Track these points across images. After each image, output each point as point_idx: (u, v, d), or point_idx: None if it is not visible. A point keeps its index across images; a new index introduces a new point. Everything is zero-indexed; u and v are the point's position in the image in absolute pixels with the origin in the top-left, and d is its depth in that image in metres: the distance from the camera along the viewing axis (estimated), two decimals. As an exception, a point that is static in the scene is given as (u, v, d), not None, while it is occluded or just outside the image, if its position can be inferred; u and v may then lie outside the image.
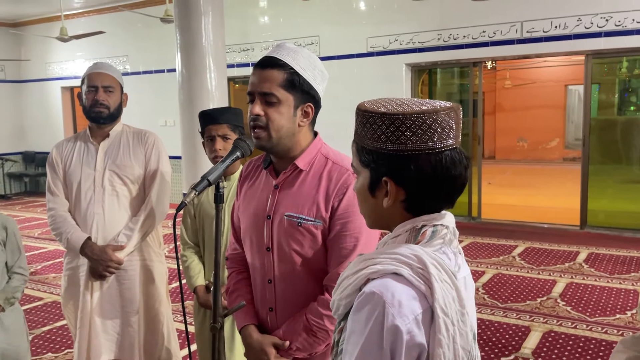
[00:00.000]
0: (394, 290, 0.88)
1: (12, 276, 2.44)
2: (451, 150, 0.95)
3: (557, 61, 12.49)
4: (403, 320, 0.86)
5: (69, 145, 2.55)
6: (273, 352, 1.52)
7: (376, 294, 0.88)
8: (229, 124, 2.20)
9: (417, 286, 0.90)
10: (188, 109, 4.92)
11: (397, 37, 7.47)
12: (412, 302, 0.88)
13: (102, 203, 2.44)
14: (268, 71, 1.45)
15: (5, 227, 2.44)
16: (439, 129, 0.93)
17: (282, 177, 1.55)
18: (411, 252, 0.92)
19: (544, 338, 3.77)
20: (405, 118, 0.93)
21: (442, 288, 0.90)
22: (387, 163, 0.95)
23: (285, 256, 1.52)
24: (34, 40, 10.70)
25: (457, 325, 0.90)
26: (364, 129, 0.97)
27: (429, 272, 0.90)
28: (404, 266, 0.91)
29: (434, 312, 0.89)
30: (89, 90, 2.45)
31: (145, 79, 9.61)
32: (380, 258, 0.93)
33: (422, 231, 0.97)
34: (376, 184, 0.98)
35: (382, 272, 0.91)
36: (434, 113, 0.93)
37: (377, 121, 0.95)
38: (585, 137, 6.78)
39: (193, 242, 2.39)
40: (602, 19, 6.24)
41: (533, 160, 14.48)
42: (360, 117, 0.99)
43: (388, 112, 0.94)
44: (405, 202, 0.97)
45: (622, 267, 5.31)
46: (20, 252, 2.49)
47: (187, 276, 2.36)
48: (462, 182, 0.98)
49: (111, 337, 2.49)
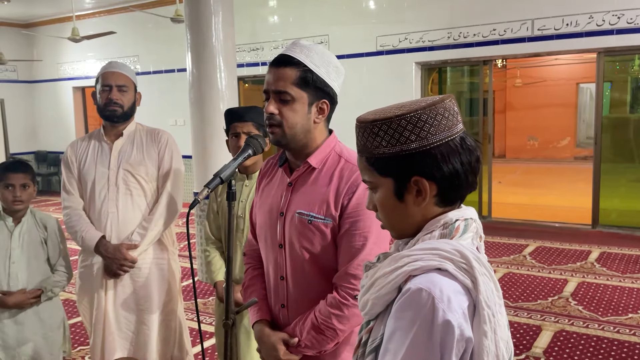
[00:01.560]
0: (442, 286, 0.88)
1: (54, 272, 2.52)
2: (464, 133, 0.98)
3: (568, 59, 12.38)
4: (454, 315, 0.86)
5: (84, 144, 2.58)
6: (283, 348, 1.53)
7: (424, 290, 0.87)
8: (254, 122, 2.25)
9: (462, 280, 0.90)
10: (198, 108, 4.94)
11: (406, 36, 7.45)
12: (459, 297, 0.88)
13: (116, 202, 2.46)
14: (282, 69, 1.47)
15: (45, 226, 2.51)
16: (450, 116, 0.96)
17: (295, 175, 1.56)
18: (452, 247, 0.92)
19: (556, 337, 3.75)
20: (421, 113, 0.94)
21: (484, 281, 0.91)
22: (413, 162, 0.95)
23: (296, 253, 1.53)
24: (46, 40, 10.79)
25: (497, 317, 0.90)
26: (377, 138, 0.97)
27: (472, 267, 0.90)
28: (446, 261, 0.90)
29: (476, 305, 0.89)
30: (103, 89, 2.47)
31: (155, 78, 9.67)
32: (419, 254, 0.92)
33: (456, 225, 0.97)
34: (404, 187, 0.97)
35: (424, 268, 0.91)
36: (441, 102, 0.96)
37: (392, 125, 0.95)
38: (597, 135, 6.72)
39: (216, 238, 2.45)
40: (614, 17, 6.19)
41: (544, 159, 14.38)
42: (370, 127, 0.98)
43: (403, 113, 0.94)
44: (437, 195, 0.97)
45: (634, 266, 5.27)
46: (61, 250, 2.55)
47: (208, 270, 2.40)
48: (480, 162, 1.00)
49: (125, 334, 2.51)
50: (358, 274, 1.46)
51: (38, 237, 2.48)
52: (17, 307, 2.38)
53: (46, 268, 2.50)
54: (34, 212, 2.53)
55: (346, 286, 1.47)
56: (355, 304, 1.47)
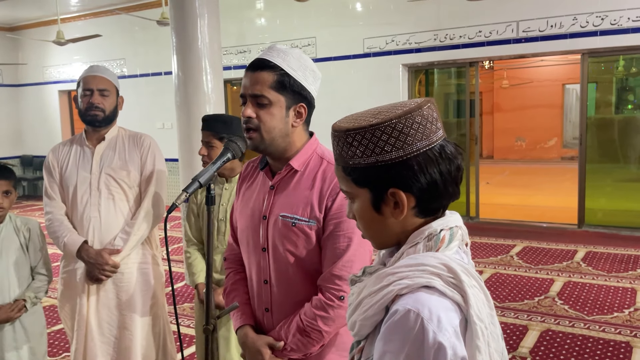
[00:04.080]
0: (430, 305, 0.84)
1: (35, 277, 2.48)
2: (444, 140, 0.93)
3: (554, 60, 12.50)
4: (444, 335, 0.82)
5: (65, 149, 2.55)
6: (268, 352, 1.52)
7: (412, 311, 0.83)
8: (213, 131, 2.27)
9: (451, 296, 0.86)
10: (184, 111, 4.91)
11: (393, 38, 7.48)
12: (450, 314, 0.85)
13: (99, 206, 2.44)
14: (258, 73, 1.46)
15: (28, 229, 2.48)
16: (428, 123, 0.91)
17: (277, 178, 1.55)
18: (438, 262, 0.88)
19: (542, 337, 3.77)
20: (396, 122, 0.89)
21: (474, 294, 0.88)
22: (390, 173, 0.91)
23: (280, 257, 1.52)
24: (31, 44, 10.70)
25: (490, 329, 0.88)
26: (352, 148, 0.92)
27: (460, 281, 0.87)
28: (434, 277, 0.87)
29: (468, 320, 0.86)
30: (85, 93, 2.45)
31: (142, 81, 9.61)
32: (405, 271, 0.88)
33: (441, 236, 0.93)
34: (381, 199, 0.93)
35: (411, 286, 0.87)
36: (418, 109, 0.91)
37: (366, 135, 0.90)
38: (582, 136, 6.79)
39: (197, 239, 2.45)
40: (597, 18, 6.26)
41: (531, 159, 14.50)
42: (344, 137, 0.93)
43: (377, 122, 0.90)
44: (416, 207, 0.93)
45: (619, 265, 5.32)
46: (43, 253, 2.52)
47: (189, 273, 2.39)
48: (461, 170, 0.96)
49: (108, 340, 2.49)
50: (343, 275, 1.46)
51: (17, 243, 2.45)
52: (4, 323, 2.35)
53: (28, 274, 2.47)
54: (13, 217, 2.49)
55: (331, 287, 1.47)
56: (341, 305, 1.47)
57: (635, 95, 7.94)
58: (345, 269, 1.47)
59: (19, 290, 2.41)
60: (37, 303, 2.47)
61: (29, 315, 2.43)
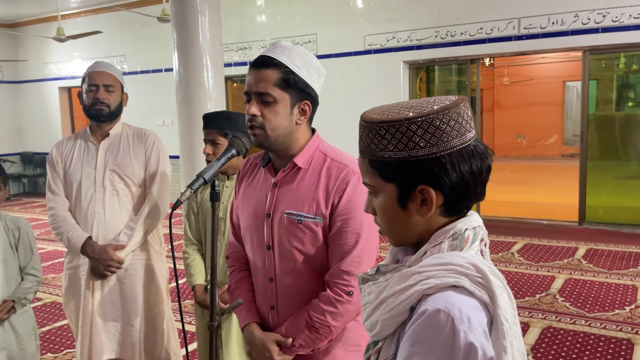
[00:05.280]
0: (460, 305, 0.82)
1: (24, 277, 2.46)
2: (476, 141, 0.92)
3: (555, 58, 12.49)
4: (475, 335, 0.81)
5: (69, 144, 2.55)
6: (276, 349, 1.52)
7: (442, 311, 0.81)
8: (218, 129, 2.22)
9: (479, 296, 0.85)
10: (185, 108, 4.91)
11: (394, 35, 7.46)
12: (478, 314, 0.84)
13: (103, 202, 2.44)
14: (263, 71, 1.45)
15: (18, 228, 2.45)
16: (463, 122, 0.89)
17: (280, 175, 1.55)
18: (466, 261, 0.87)
19: (543, 334, 3.78)
20: (434, 117, 0.87)
21: (500, 294, 0.86)
22: (420, 170, 0.88)
23: (286, 254, 1.52)
24: (31, 40, 10.68)
25: (513, 329, 0.86)
26: (383, 141, 0.89)
27: (488, 280, 0.86)
28: (462, 277, 0.85)
29: (494, 320, 0.85)
30: (90, 88, 2.45)
31: (142, 78, 9.60)
32: (432, 270, 0.86)
33: (466, 235, 0.91)
34: (408, 195, 0.90)
35: (439, 286, 0.85)
36: (455, 106, 0.88)
37: (400, 128, 0.87)
38: (583, 133, 6.78)
39: (196, 239, 2.42)
40: (599, 15, 6.24)
41: (532, 157, 14.49)
42: (376, 129, 0.89)
43: (414, 115, 0.87)
44: (443, 205, 0.91)
45: (620, 262, 5.32)
46: (33, 253, 2.50)
47: (187, 273, 2.38)
48: (490, 171, 0.94)
49: (112, 336, 2.49)
50: (351, 270, 1.47)
51: (7, 242, 2.41)
52: None
53: (17, 274, 2.44)
54: (3, 216, 2.45)
55: (340, 283, 1.47)
56: (350, 300, 1.47)
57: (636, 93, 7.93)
58: (354, 265, 1.47)
59: (7, 291, 2.39)
60: (27, 304, 2.45)
61: (18, 315, 2.41)
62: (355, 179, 1.48)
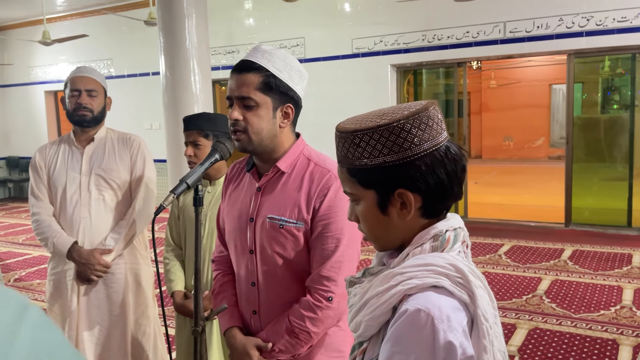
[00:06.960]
0: (440, 305, 0.85)
1: None
2: (448, 142, 0.94)
3: (540, 61, 12.62)
4: (454, 334, 0.83)
5: (53, 149, 2.53)
6: (256, 354, 1.52)
7: (422, 311, 0.83)
8: (198, 130, 2.19)
9: (459, 296, 0.87)
10: (173, 112, 4.90)
11: (381, 38, 7.50)
12: (458, 314, 0.86)
13: (89, 207, 2.43)
14: (244, 75, 1.45)
15: None
16: (434, 124, 0.91)
17: (264, 180, 1.55)
18: (446, 262, 0.89)
19: (530, 335, 3.80)
20: (404, 123, 0.89)
21: (480, 294, 0.88)
22: (396, 174, 0.91)
23: (268, 258, 1.52)
24: (17, 44, 10.59)
25: (494, 329, 0.88)
26: (358, 149, 0.92)
27: (468, 281, 0.88)
28: (442, 277, 0.87)
29: (474, 320, 0.87)
30: (72, 94, 2.44)
31: (130, 82, 9.56)
32: (413, 271, 0.88)
33: (447, 237, 0.93)
34: (387, 200, 0.93)
35: (420, 286, 0.87)
36: (425, 110, 0.91)
37: (374, 135, 0.90)
38: (568, 135, 6.85)
39: (176, 244, 2.40)
40: (583, 19, 6.32)
41: (519, 159, 14.62)
42: (351, 138, 0.92)
43: (385, 122, 0.90)
44: (422, 208, 0.93)
45: (606, 263, 5.37)
46: None
47: (166, 279, 2.35)
48: (465, 171, 0.97)
49: (98, 340, 2.47)
50: (331, 276, 1.46)
51: None
52: None
53: None
54: None
55: (320, 288, 1.47)
56: (329, 306, 1.47)
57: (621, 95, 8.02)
58: (334, 270, 1.47)
59: None
60: None
61: None
62: (337, 184, 1.48)
